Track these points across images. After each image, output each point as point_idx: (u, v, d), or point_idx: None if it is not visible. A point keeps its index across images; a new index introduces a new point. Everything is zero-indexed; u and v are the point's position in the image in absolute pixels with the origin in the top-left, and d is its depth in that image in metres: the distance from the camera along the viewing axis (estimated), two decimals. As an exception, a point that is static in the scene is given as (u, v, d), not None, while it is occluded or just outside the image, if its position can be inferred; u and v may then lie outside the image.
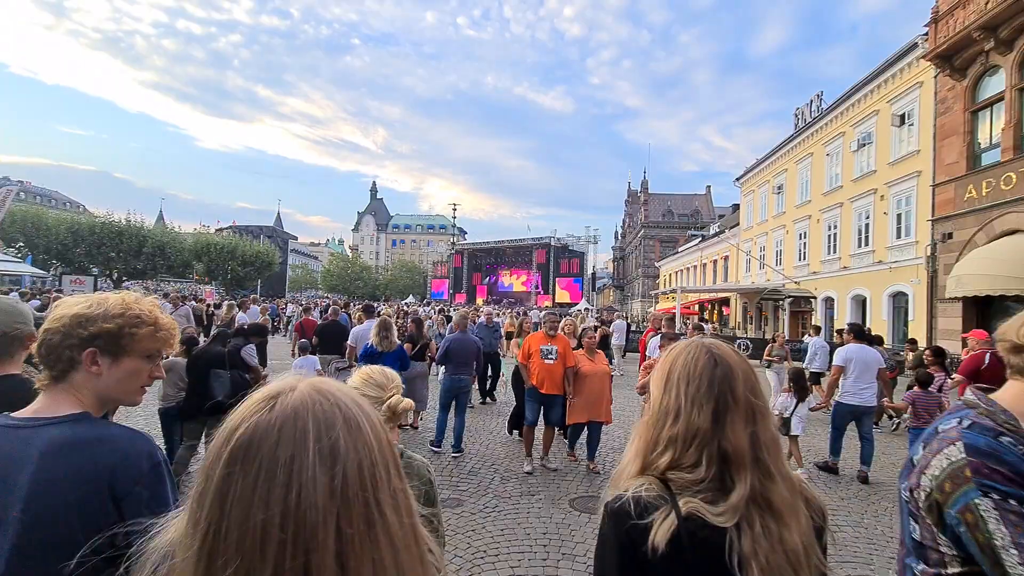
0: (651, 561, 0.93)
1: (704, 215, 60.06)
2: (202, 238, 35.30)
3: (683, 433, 0.99)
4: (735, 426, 0.98)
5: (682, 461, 0.99)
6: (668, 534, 0.93)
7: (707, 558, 0.93)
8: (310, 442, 0.48)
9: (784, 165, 26.89)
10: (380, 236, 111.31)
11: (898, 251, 17.82)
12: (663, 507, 0.96)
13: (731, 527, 0.94)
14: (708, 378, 1.01)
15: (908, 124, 17.63)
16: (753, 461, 0.97)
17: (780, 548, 0.93)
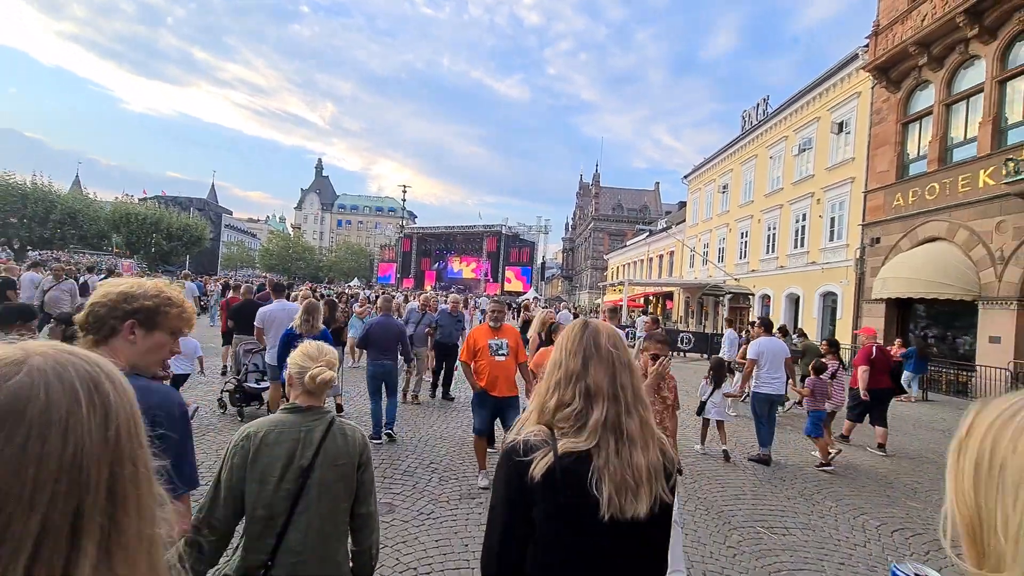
0: (531, 488, 1.20)
1: (652, 211, 61.54)
2: (121, 207, 32.03)
3: (563, 376, 1.32)
4: (598, 369, 1.30)
5: (564, 398, 1.29)
6: (544, 468, 1.20)
7: (574, 484, 1.21)
8: (82, 400, 0.51)
9: (730, 165, 27.73)
10: (325, 216, 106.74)
11: (830, 253, 18.74)
12: (544, 448, 1.23)
13: (594, 451, 1.23)
14: (580, 335, 1.36)
15: (846, 132, 18.47)
16: (612, 397, 1.28)
17: (630, 466, 1.22)
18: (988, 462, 0.57)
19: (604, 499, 1.18)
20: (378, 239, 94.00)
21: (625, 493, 1.20)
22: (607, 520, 1.18)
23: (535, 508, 1.22)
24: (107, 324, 1.37)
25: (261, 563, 1.64)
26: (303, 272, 70.36)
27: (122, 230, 31.16)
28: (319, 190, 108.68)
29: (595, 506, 1.19)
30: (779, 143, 22.70)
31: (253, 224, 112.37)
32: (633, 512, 1.20)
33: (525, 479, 1.20)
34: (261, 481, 1.66)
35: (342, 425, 1.84)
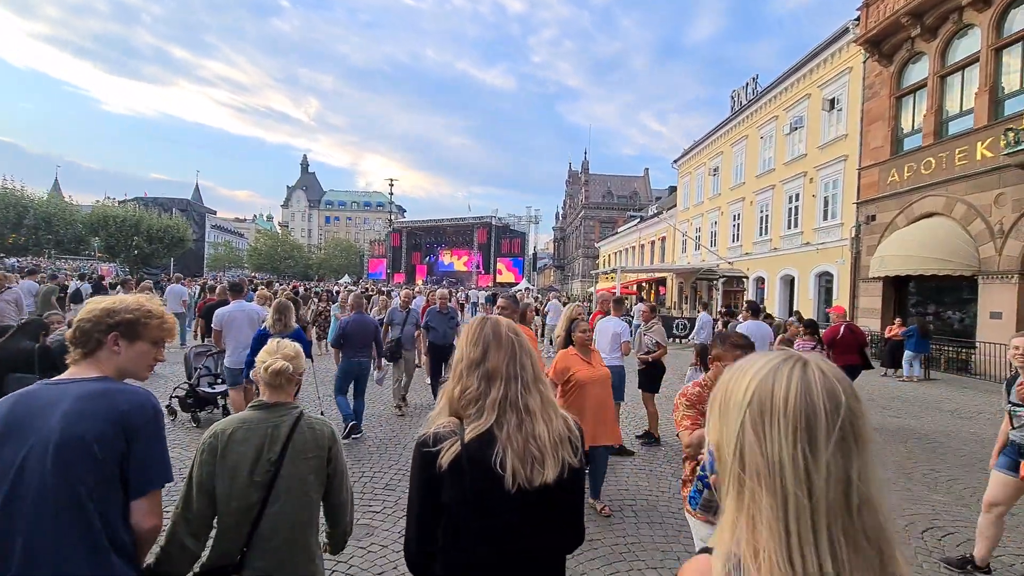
0: (439, 476, 1.30)
1: (642, 197, 61.17)
2: (99, 210, 31.04)
3: (466, 366, 1.43)
4: (496, 355, 1.43)
5: (467, 385, 1.40)
6: (452, 456, 1.30)
7: (480, 469, 1.30)
8: None
9: (720, 148, 27.35)
10: (312, 213, 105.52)
11: (825, 233, 18.45)
12: (452, 438, 1.33)
13: (495, 428, 1.34)
14: (480, 328, 1.49)
15: (837, 109, 18.10)
16: (512, 377, 1.41)
17: (533, 438, 1.34)
18: (720, 401, 0.80)
19: (509, 472, 1.29)
20: (367, 235, 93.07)
21: (531, 463, 1.31)
22: (515, 492, 1.29)
23: (444, 495, 1.32)
24: (92, 338, 1.53)
25: (236, 551, 1.73)
26: (292, 271, 69.50)
27: (100, 234, 30.25)
28: (306, 187, 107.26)
29: (503, 485, 1.29)
30: (770, 123, 22.33)
31: (240, 224, 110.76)
32: (541, 479, 1.30)
33: (434, 469, 1.30)
34: (232, 476, 1.72)
35: (310, 420, 1.91)
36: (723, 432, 0.78)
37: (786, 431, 0.71)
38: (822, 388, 0.73)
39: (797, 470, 0.70)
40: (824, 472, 0.69)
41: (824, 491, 0.69)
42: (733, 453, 0.75)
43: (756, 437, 0.73)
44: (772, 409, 0.72)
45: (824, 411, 0.71)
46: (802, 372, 0.74)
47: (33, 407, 1.40)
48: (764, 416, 0.73)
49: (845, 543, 0.69)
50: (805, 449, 0.70)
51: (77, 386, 1.44)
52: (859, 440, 0.72)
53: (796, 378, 0.74)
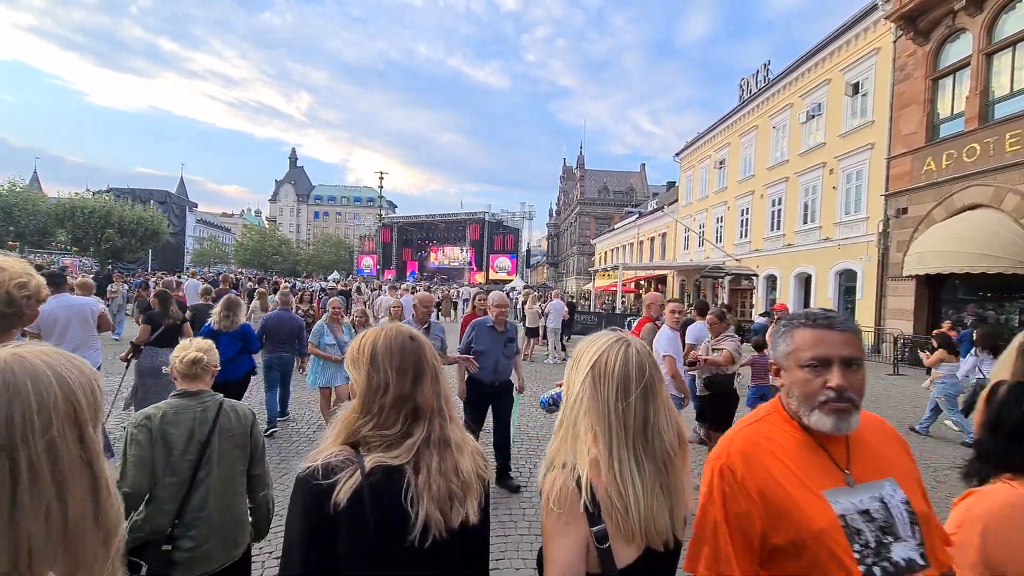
0: (334, 516, 1.06)
1: (639, 193, 59.93)
2: (66, 201, 29.12)
3: (392, 400, 1.16)
4: (426, 386, 1.20)
5: (386, 423, 1.15)
6: (351, 490, 1.06)
7: (385, 503, 1.09)
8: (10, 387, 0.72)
9: (727, 139, 26.03)
10: (301, 207, 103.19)
11: (847, 227, 17.17)
12: (349, 467, 1.09)
13: (409, 469, 1.13)
14: (409, 351, 1.21)
15: (862, 94, 16.81)
16: (437, 411, 1.21)
17: (455, 475, 1.17)
18: (573, 362, 1.22)
19: (421, 520, 1.11)
20: (358, 230, 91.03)
21: (452, 505, 1.16)
22: (430, 541, 1.12)
23: (341, 540, 1.08)
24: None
25: (168, 524, 1.87)
26: (280, 267, 67.45)
27: (67, 225, 28.31)
28: (294, 181, 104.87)
29: (412, 527, 1.11)
30: (783, 111, 21.00)
31: (227, 219, 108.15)
32: (461, 518, 1.17)
33: (326, 509, 1.06)
34: (167, 453, 1.91)
35: (232, 404, 2.15)
36: (573, 383, 1.20)
37: (612, 387, 1.13)
38: (635, 361, 1.16)
39: (617, 411, 1.12)
40: (633, 413, 1.13)
41: (632, 424, 1.13)
42: (576, 397, 1.17)
43: (593, 390, 1.15)
44: (604, 373, 1.15)
45: (634, 375, 1.14)
46: (625, 351, 1.17)
47: None
48: (599, 377, 1.15)
49: (644, 453, 1.13)
50: (622, 398, 1.13)
51: None
52: (654, 393, 1.16)
53: (620, 353, 1.16)
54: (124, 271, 30.40)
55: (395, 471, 1.12)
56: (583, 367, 1.18)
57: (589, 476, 1.11)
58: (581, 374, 1.17)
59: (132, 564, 1.81)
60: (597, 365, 1.15)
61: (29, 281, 1.62)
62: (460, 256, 62.35)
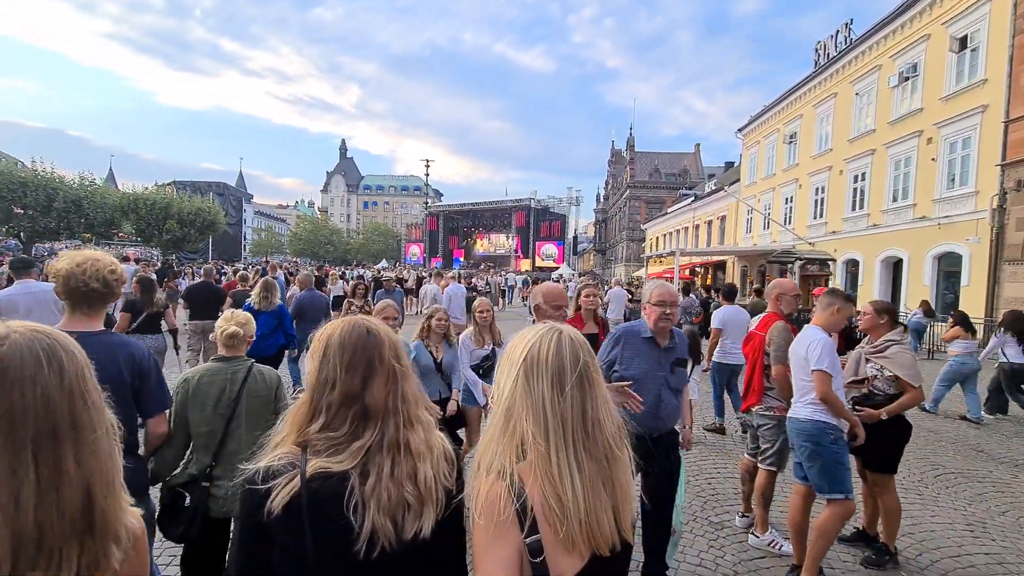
0: (269, 522, 1.00)
1: (693, 175, 56.90)
2: (130, 194, 30.46)
3: (338, 398, 1.09)
4: (377, 386, 1.11)
5: (333, 424, 1.09)
6: (287, 497, 1.00)
7: (325, 512, 1.02)
8: (43, 362, 0.79)
9: (799, 110, 23.70)
10: (351, 198, 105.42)
11: (949, 204, 15.00)
12: (290, 472, 1.03)
13: (355, 474, 1.05)
14: (362, 346, 1.12)
15: (971, 49, 14.51)
16: (393, 412, 1.12)
17: (410, 482, 1.07)
18: (506, 358, 1.12)
19: (367, 531, 1.03)
20: (405, 219, 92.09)
21: (402, 514, 1.06)
22: (378, 553, 1.03)
23: (277, 548, 1.03)
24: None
25: (207, 465, 2.28)
26: (332, 256, 69.10)
27: (131, 216, 29.62)
28: (344, 172, 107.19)
29: (357, 537, 1.02)
30: (869, 74, 18.68)
31: (283, 210, 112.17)
32: (416, 529, 1.06)
33: (261, 514, 1.01)
34: (201, 409, 2.29)
35: (260, 368, 2.49)
36: (504, 379, 1.09)
37: (546, 379, 1.04)
38: (568, 350, 1.06)
39: (553, 404, 1.02)
40: (570, 405, 1.03)
41: (569, 417, 1.03)
42: (508, 394, 1.07)
43: (526, 384, 1.05)
44: (536, 364, 1.05)
45: (569, 364, 1.05)
46: (557, 339, 1.08)
47: None
48: (531, 369, 1.05)
49: (584, 449, 1.03)
50: (556, 389, 1.03)
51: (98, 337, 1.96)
52: (591, 383, 1.07)
53: (553, 343, 1.07)
54: (186, 260, 31.54)
55: (338, 477, 1.05)
56: (515, 361, 1.09)
57: (522, 480, 1.03)
58: (512, 368, 1.09)
59: (178, 495, 2.24)
60: (528, 357, 1.08)
61: (116, 267, 2.07)
62: (506, 243, 61.64)
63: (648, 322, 2.89)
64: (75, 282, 1.91)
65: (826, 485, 2.92)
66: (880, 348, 3.31)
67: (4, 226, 25.70)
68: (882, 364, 3.24)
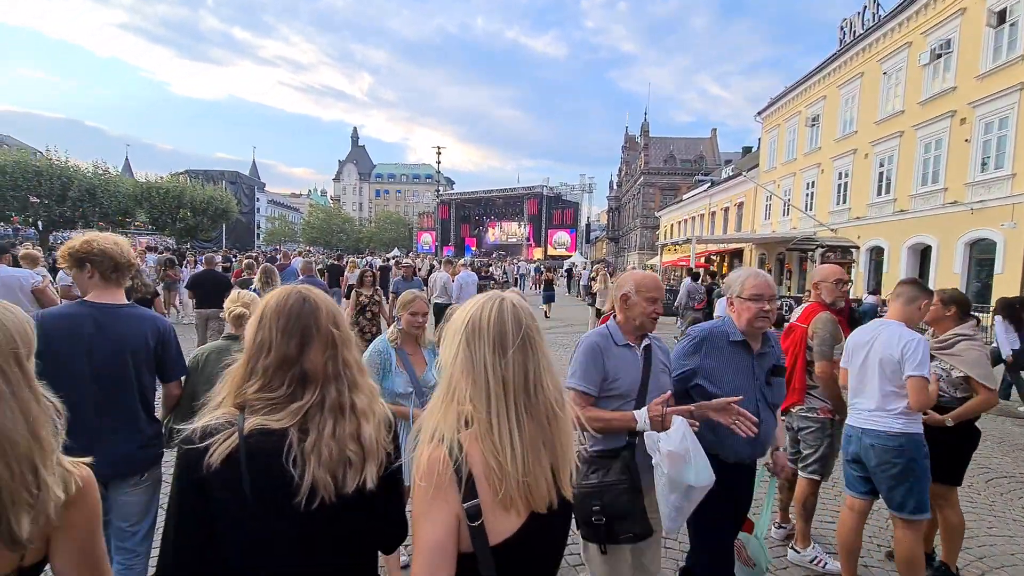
0: (207, 478, 1.02)
1: (709, 161, 55.75)
2: (143, 183, 30.60)
3: (275, 362, 1.11)
4: (314, 352, 1.13)
5: (271, 385, 1.11)
6: (226, 452, 1.03)
7: (264, 465, 1.04)
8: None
9: (822, 91, 22.82)
10: (363, 186, 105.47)
11: (983, 188, 14.29)
12: (227, 429, 1.06)
13: (293, 431, 1.07)
14: (298, 314, 1.14)
15: (1010, 23, 13.69)
16: (334, 376, 1.15)
17: (353, 441, 1.11)
18: (449, 326, 1.15)
19: (307, 483, 1.05)
20: (417, 207, 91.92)
21: (343, 469, 1.09)
22: (318, 504, 1.06)
23: (216, 502, 1.05)
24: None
25: None
26: (344, 244, 69.27)
27: (144, 205, 29.77)
28: (356, 160, 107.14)
29: (298, 493, 1.05)
30: (898, 52, 17.83)
31: (296, 199, 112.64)
32: (357, 484, 1.10)
33: (200, 471, 1.03)
34: (207, 383, 2.19)
35: None
36: (448, 347, 1.12)
37: (488, 343, 1.06)
38: (510, 315, 1.09)
39: (495, 368, 1.05)
40: (512, 368, 1.06)
41: (512, 380, 1.05)
42: (451, 361, 1.10)
43: (468, 349, 1.08)
44: (478, 330, 1.08)
45: (511, 329, 1.08)
46: (499, 305, 1.11)
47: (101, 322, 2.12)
48: (472, 335, 1.08)
49: (526, 411, 1.06)
50: (498, 353, 1.06)
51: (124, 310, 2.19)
52: (534, 346, 1.10)
53: (495, 309, 1.10)
54: (200, 249, 31.66)
55: (276, 434, 1.07)
56: (457, 328, 1.12)
57: (463, 446, 1.05)
58: (456, 336, 1.11)
59: None
60: (470, 324, 1.10)
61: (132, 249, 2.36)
62: (518, 231, 61.20)
63: (739, 321, 2.33)
64: (120, 259, 2.14)
65: (913, 505, 2.59)
66: (947, 344, 2.92)
67: (21, 215, 25.95)
68: (950, 363, 2.86)
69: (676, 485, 1.90)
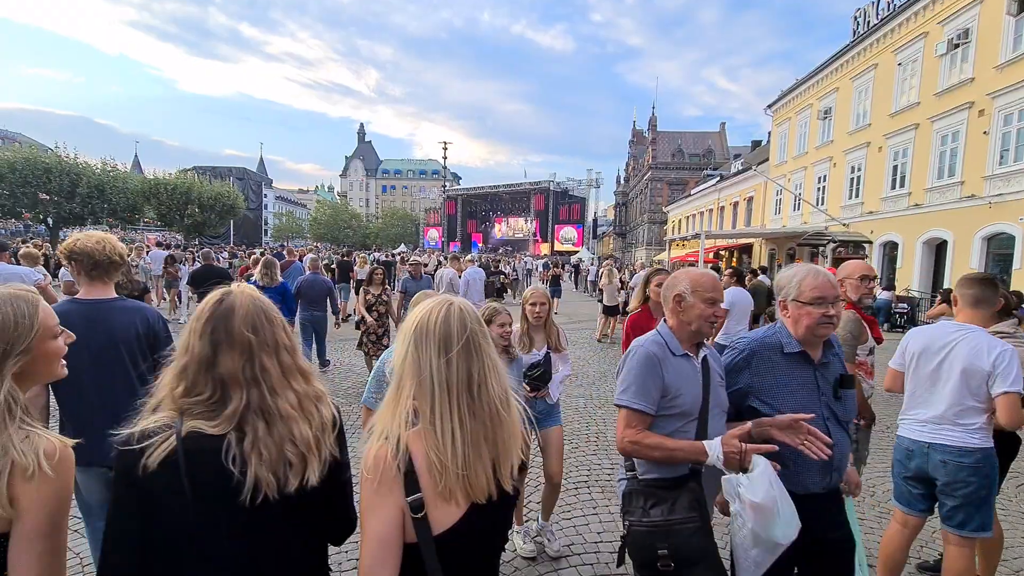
0: (145, 479, 1.03)
1: (718, 155, 55.18)
2: (151, 179, 30.75)
3: (194, 364, 1.13)
4: (230, 357, 1.13)
5: (195, 387, 1.13)
6: (164, 454, 1.04)
7: (204, 466, 1.06)
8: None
9: (834, 83, 22.43)
10: (370, 182, 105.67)
11: (1002, 181, 13.96)
12: (165, 432, 1.07)
13: (232, 435, 1.10)
14: (210, 316, 1.15)
15: (1031, 10, 13.31)
16: (252, 381, 1.14)
17: (291, 443, 1.12)
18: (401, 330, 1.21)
19: (250, 481, 1.07)
20: (423, 203, 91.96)
21: (285, 469, 1.11)
22: (262, 501, 1.08)
23: (156, 505, 1.07)
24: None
25: None
26: (351, 240, 69.40)
27: (152, 202, 29.92)
28: (363, 156, 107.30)
29: (240, 492, 1.07)
30: (914, 43, 17.45)
31: (303, 195, 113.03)
32: (300, 483, 1.12)
33: (137, 472, 1.04)
34: None
35: None
36: (398, 349, 1.16)
37: (433, 345, 1.11)
38: (456, 318, 1.14)
39: (439, 368, 1.10)
40: (455, 369, 1.10)
41: (456, 381, 1.10)
42: (401, 362, 1.14)
43: (415, 351, 1.12)
44: (425, 332, 1.12)
45: (456, 331, 1.12)
46: (447, 309, 1.15)
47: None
48: (420, 337, 1.13)
49: (468, 410, 1.11)
50: (443, 355, 1.10)
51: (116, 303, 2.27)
52: (478, 349, 1.14)
53: (442, 313, 1.14)
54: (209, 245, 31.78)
55: (215, 437, 1.09)
56: (407, 331, 1.17)
57: (408, 443, 1.10)
58: (406, 339, 1.16)
59: None
60: (418, 327, 1.15)
61: (124, 246, 2.44)
62: (525, 227, 61.05)
63: (796, 329, 1.98)
64: (100, 257, 2.18)
65: (978, 523, 2.41)
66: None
67: (31, 211, 26.17)
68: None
69: (761, 540, 1.65)
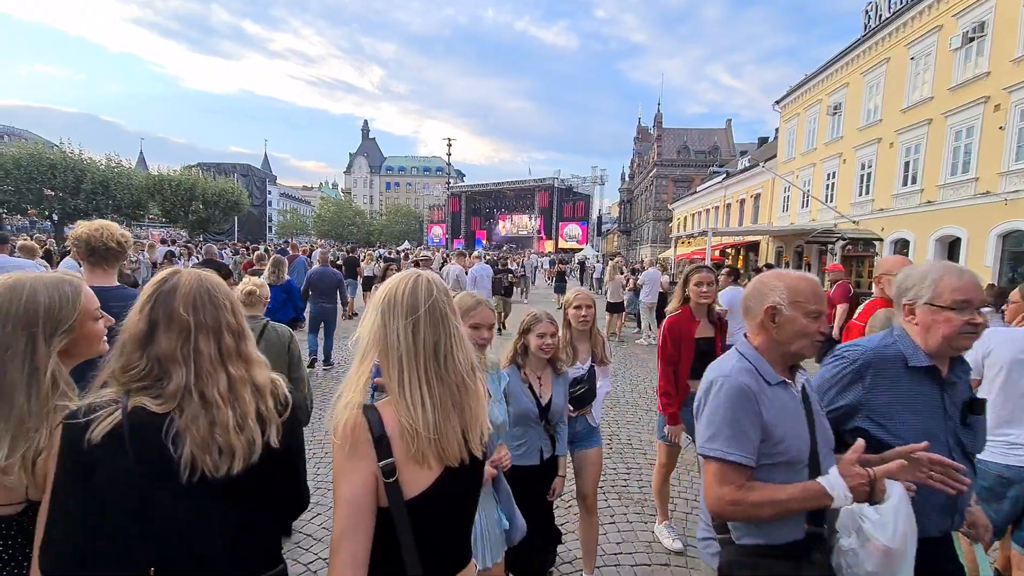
0: (90, 451, 1.04)
1: (724, 151, 54.79)
2: (155, 176, 30.79)
3: (131, 339, 1.15)
4: (168, 336, 1.15)
5: (130, 363, 1.14)
6: (109, 427, 1.06)
7: (146, 440, 1.08)
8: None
9: (844, 78, 22.11)
10: (373, 179, 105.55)
11: (1019, 177, 13.68)
12: (111, 407, 1.09)
13: (175, 413, 1.12)
14: (151, 294, 1.18)
15: (1050, 2, 13.01)
16: (184, 362, 1.15)
17: (219, 426, 1.13)
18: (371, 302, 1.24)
19: (187, 458, 1.09)
20: (427, 200, 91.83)
21: (220, 449, 1.12)
22: (203, 480, 1.10)
23: (99, 477, 1.06)
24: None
25: None
26: (355, 237, 69.41)
27: (157, 198, 29.93)
28: (367, 153, 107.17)
29: (177, 467, 1.09)
30: (927, 36, 17.13)
31: (307, 192, 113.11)
32: (228, 470, 1.13)
33: (82, 446, 1.05)
34: None
35: (275, 325, 3.16)
36: (366, 320, 1.19)
37: (400, 314, 1.15)
38: (423, 289, 1.18)
39: (406, 337, 1.14)
40: (422, 337, 1.15)
41: (422, 348, 1.15)
42: (369, 333, 1.17)
43: (382, 321, 1.16)
44: (392, 303, 1.17)
45: (422, 301, 1.17)
46: (414, 280, 1.20)
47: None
48: (387, 307, 1.17)
49: (435, 377, 1.15)
50: (410, 324, 1.15)
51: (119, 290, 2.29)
52: (444, 319, 1.19)
53: (409, 283, 1.19)
54: (214, 241, 31.76)
55: (158, 415, 1.12)
56: (376, 303, 1.19)
57: (379, 411, 1.13)
58: (374, 310, 1.19)
59: None
60: (386, 299, 1.18)
61: (126, 233, 2.46)
62: (529, 224, 60.87)
63: (928, 339, 1.67)
64: (96, 243, 2.21)
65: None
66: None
67: (36, 207, 26.19)
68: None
69: None
